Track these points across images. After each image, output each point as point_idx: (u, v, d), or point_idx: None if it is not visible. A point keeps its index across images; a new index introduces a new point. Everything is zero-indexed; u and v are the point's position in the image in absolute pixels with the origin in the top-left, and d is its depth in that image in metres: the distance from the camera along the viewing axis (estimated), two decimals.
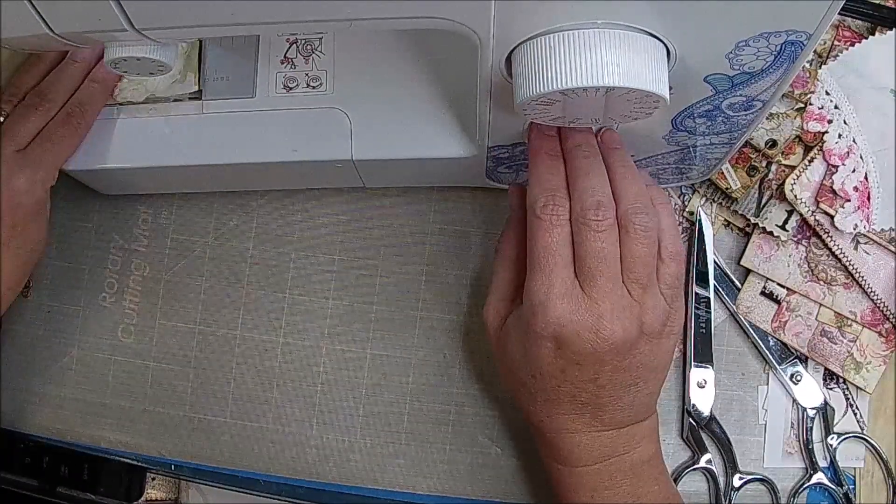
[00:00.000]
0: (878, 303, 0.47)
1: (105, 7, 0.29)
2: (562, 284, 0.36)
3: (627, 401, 0.39)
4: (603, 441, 0.39)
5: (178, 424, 0.51)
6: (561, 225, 0.36)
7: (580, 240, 0.36)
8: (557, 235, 0.36)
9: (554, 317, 0.36)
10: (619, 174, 0.37)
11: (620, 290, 0.36)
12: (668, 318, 0.38)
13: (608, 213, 0.36)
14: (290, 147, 0.44)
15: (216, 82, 0.45)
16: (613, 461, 0.40)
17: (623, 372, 0.37)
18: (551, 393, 0.38)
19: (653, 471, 0.41)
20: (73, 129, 0.43)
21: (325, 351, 0.51)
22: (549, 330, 0.36)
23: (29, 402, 0.52)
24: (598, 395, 0.38)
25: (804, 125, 0.48)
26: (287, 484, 0.50)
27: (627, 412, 0.39)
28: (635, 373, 0.38)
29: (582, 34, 0.30)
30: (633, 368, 0.38)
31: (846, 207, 0.47)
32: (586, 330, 0.36)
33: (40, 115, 0.43)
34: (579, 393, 0.38)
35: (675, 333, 0.39)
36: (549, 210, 0.36)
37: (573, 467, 0.40)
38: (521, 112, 0.33)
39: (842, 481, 0.47)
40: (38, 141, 0.42)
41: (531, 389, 0.39)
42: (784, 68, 0.33)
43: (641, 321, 0.37)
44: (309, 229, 0.52)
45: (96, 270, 0.53)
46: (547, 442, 0.41)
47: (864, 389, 0.48)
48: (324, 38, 0.45)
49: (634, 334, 0.36)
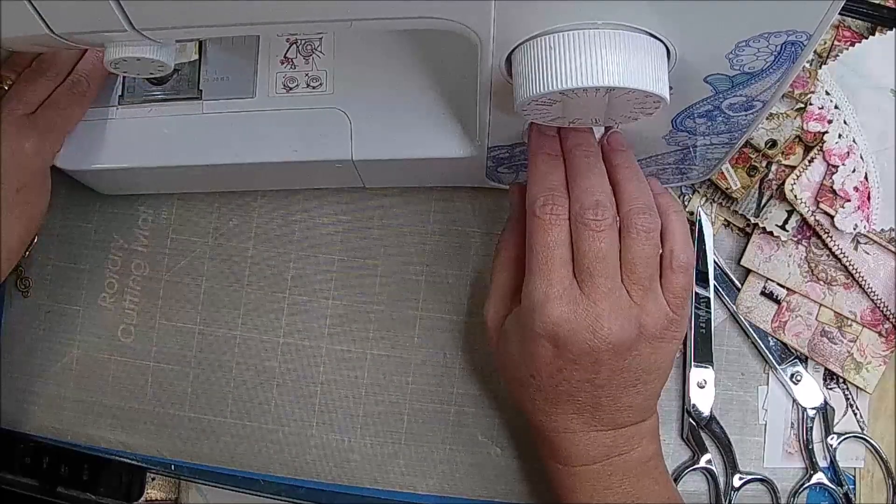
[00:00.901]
0: (878, 303, 0.47)
1: (105, 7, 0.29)
2: (560, 284, 0.36)
3: (626, 402, 0.39)
4: (602, 441, 0.39)
5: (178, 424, 0.51)
6: (560, 224, 0.36)
7: (579, 239, 0.36)
8: (556, 235, 0.36)
9: (552, 316, 0.36)
10: (621, 175, 0.37)
11: (619, 291, 0.36)
12: (670, 324, 0.37)
13: (607, 212, 0.36)
14: (290, 147, 0.44)
15: (216, 82, 0.45)
16: (613, 461, 0.40)
17: (621, 373, 0.37)
18: (550, 393, 0.38)
19: (653, 471, 0.41)
20: (79, 98, 0.43)
21: (325, 351, 0.51)
22: (547, 329, 0.36)
23: (29, 402, 0.52)
24: (597, 396, 0.38)
25: (804, 125, 0.48)
26: (287, 484, 0.50)
27: (626, 413, 0.39)
28: (634, 374, 0.38)
29: (582, 34, 0.30)
30: (632, 370, 0.38)
31: (846, 207, 0.47)
32: (583, 329, 0.35)
33: (48, 81, 0.43)
34: (577, 392, 0.38)
35: (677, 339, 0.39)
36: (549, 209, 0.36)
37: (573, 467, 0.40)
38: (521, 112, 0.33)
39: (842, 481, 0.47)
40: (47, 105, 0.43)
41: (530, 389, 0.39)
42: (784, 68, 0.33)
43: (640, 323, 0.36)
44: (309, 229, 0.52)
45: (96, 270, 0.53)
46: (546, 442, 0.41)
47: (864, 389, 0.48)
48: (324, 38, 0.45)
49: (633, 335, 0.36)
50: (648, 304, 0.37)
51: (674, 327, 0.38)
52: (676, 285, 0.37)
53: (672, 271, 0.37)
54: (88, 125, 0.45)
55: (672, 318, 0.37)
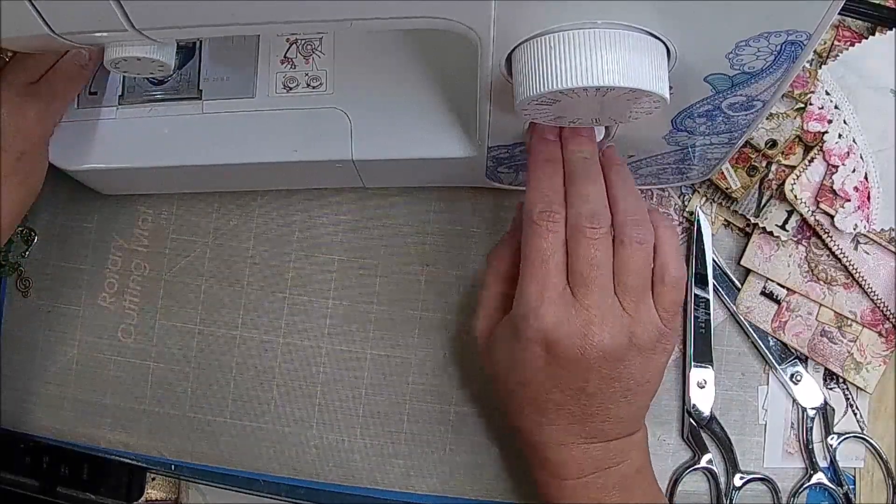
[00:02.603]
0: (878, 303, 0.47)
1: (105, 7, 0.29)
2: (554, 289, 0.36)
3: (616, 413, 0.39)
4: (592, 454, 0.39)
5: (178, 424, 0.51)
6: (556, 231, 0.36)
7: (574, 246, 0.36)
8: (552, 241, 0.36)
9: (545, 320, 0.36)
10: (616, 188, 0.38)
11: (611, 300, 0.36)
12: (661, 337, 0.38)
13: (603, 221, 0.36)
14: (290, 147, 0.44)
15: (216, 82, 0.45)
16: (601, 474, 0.40)
17: (612, 382, 0.37)
18: (540, 402, 0.38)
19: (642, 482, 0.41)
20: (80, 69, 0.43)
21: (325, 351, 0.51)
22: (539, 335, 0.36)
23: (29, 402, 0.52)
24: (587, 405, 0.38)
25: (804, 125, 0.48)
26: (287, 484, 0.50)
27: (616, 424, 0.39)
28: (624, 385, 0.38)
29: (582, 34, 0.30)
30: (623, 380, 0.38)
31: (846, 207, 0.47)
32: (575, 335, 0.36)
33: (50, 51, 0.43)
34: (567, 402, 0.38)
35: (668, 351, 0.39)
36: (546, 216, 0.36)
37: (563, 480, 0.40)
38: (521, 112, 0.33)
39: (842, 481, 0.47)
40: (49, 75, 0.43)
41: (520, 399, 0.39)
42: (784, 68, 0.33)
43: (631, 332, 0.37)
44: (309, 229, 0.52)
45: (96, 270, 0.53)
46: (537, 454, 0.41)
47: (864, 389, 0.48)
48: (324, 38, 0.45)
49: (624, 344, 0.36)
50: (640, 315, 0.37)
51: (664, 340, 0.38)
52: (667, 299, 0.38)
53: (663, 285, 0.37)
54: (89, 125, 0.45)
55: (663, 331, 0.38)
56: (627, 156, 0.43)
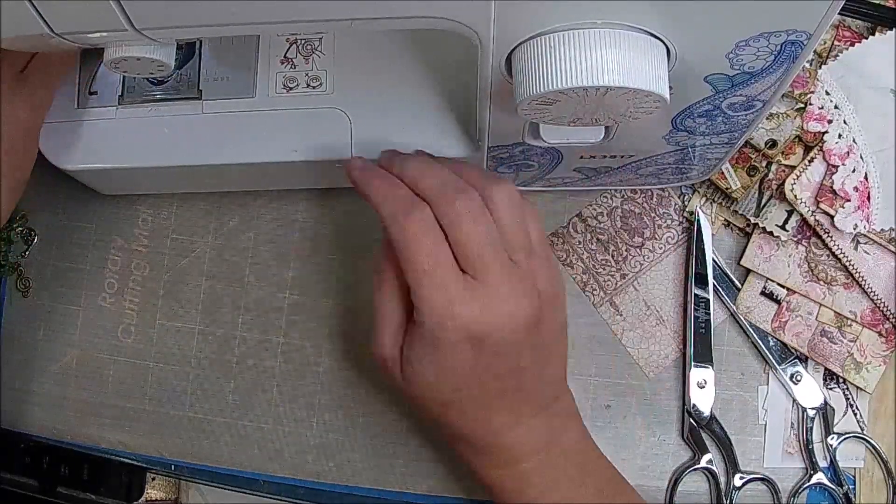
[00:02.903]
0: (878, 303, 0.47)
1: (105, 7, 0.29)
2: (455, 284, 0.34)
3: (548, 375, 0.38)
4: (537, 427, 0.39)
5: (178, 424, 0.51)
6: (432, 227, 0.35)
7: (457, 233, 0.35)
8: (433, 238, 0.35)
9: (462, 318, 0.34)
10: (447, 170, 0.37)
11: (511, 267, 0.35)
12: (555, 279, 0.37)
13: (474, 194, 0.35)
14: (290, 147, 0.44)
15: (216, 82, 0.45)
16: (552, 450, 0.39)
17: (540, 348, 0.37)
18: (480, 398, 0.37)
19: (590, 451, 0.41)
20: (66, 57, 0.43)
21: (325, 351, 0.51)
22: (462, 335, 0.35)
23: (29, 402, 0.52)
24: (522, 379, 0.37)
25: (804, 125, 0.48)
26: (287, 484, 0.50)
27: (547, 389, 0.39)
28: (550, 342, 0.38)
29: (582, 34, 0.30)
30: (547, 339, 0.37)
31: (846, 207, 0.47)
32: (498, 319, 0.35)
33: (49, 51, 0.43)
34: (507, 385, 0.37)
35: (563, 289, 0.39)
36: (415, 217, 0.35)
37: (517, 465, 0.39)
38: (521, 112, 0.33)
39: (842, 481, 0.47)
40: (36, 63, 0.42)
41: (459, 405, 0.38)
42: (784, 68, 0.33)
43: (538, 290, 0.36)
44: (309, 229, 0.52)
45: (96, 270, 0.53)
46: (486, 451, 0.39)
47: (864, 389, 0.48)
48: (324, 38, 0.45)
49: (537, 304, 0.36)
50: (535, 266, 0.36)
51: (557, 277, 0.38)
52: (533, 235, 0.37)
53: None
54: (88, 125, 0.45)
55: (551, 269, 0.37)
56: (628, 156, 0.43)
